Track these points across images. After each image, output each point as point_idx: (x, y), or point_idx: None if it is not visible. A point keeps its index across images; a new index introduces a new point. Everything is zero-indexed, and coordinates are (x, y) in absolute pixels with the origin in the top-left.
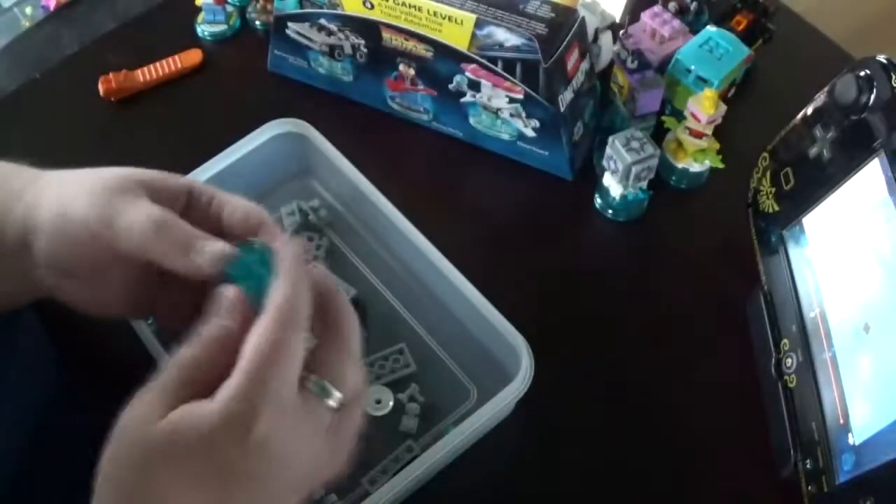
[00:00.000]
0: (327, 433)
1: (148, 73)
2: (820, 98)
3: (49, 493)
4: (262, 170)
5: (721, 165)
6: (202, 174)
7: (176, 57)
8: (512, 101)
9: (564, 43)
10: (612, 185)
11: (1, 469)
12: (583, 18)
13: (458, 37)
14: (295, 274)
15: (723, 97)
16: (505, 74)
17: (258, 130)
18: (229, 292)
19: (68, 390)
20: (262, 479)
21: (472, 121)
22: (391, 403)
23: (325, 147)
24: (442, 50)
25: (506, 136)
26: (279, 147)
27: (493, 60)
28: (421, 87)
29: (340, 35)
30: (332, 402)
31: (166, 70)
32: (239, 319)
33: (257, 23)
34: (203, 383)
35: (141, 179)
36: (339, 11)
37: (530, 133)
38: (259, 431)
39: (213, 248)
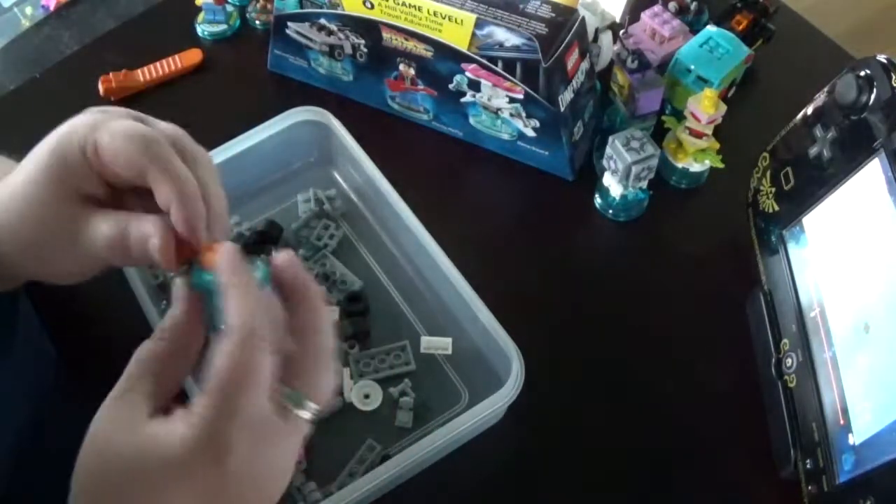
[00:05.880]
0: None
1: (148, 73)
2: (820, 98)
3: (47, 492)
4: (283, 154)
5: (721, 165)
6: (224, 153)
7: (176, 57)
8: (512, 100)
9: (564, 43)
10: (612, 185)
11: None
12: (583, 18)
13: (458, 37)
14: (243, 290)
15: (723, 97)
16: (505, 74)
17: (281, 116)
18: (177, 285)
19: (67, 390)
20: (238, 500)
21: (472, 120)
22: (380, 398)
23: (344, 138)
24: (442, 50)
25: (506, 136)
26: (301, 134)
27: (493, 60)
28: (421, 86)
29: (340, 35)
30: (307, 415)
31: (166, 70)
32: (188, 308)
33: (257, 23)
34: (166, 377)
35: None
36: (339, 11)
37: (530, 133)
38: (233, 456)
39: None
